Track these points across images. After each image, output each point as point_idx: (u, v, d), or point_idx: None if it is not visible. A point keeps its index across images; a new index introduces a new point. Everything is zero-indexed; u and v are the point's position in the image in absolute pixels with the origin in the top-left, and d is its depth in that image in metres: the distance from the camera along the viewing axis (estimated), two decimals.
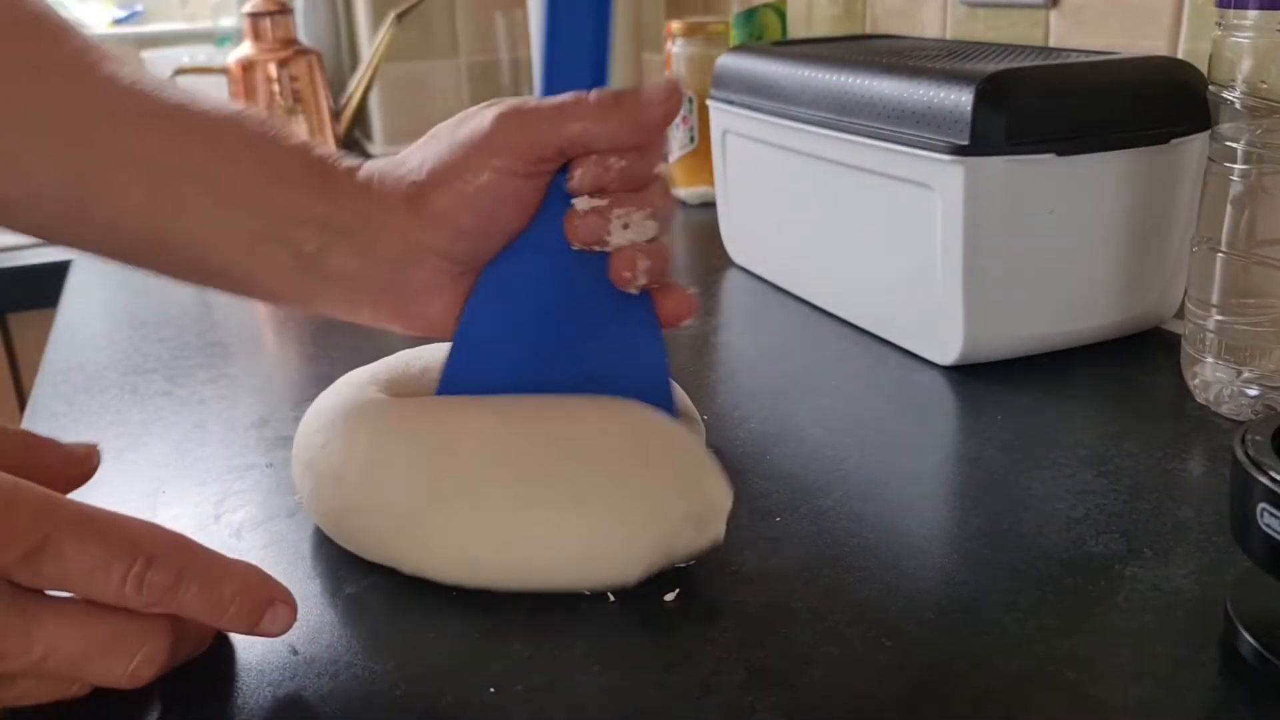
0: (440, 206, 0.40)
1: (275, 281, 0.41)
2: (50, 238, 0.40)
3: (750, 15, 0.94)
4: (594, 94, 0.40)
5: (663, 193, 0.42)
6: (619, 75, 0.42)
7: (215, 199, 0.39)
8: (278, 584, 0.35)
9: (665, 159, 0.38)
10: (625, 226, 0.41)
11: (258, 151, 0.40)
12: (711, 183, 0.84)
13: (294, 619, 0.35)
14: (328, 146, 0.42)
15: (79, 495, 0.34)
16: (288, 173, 0.40)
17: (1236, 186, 0.48)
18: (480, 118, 0.41)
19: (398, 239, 0.41)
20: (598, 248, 0.42)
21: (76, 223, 0.39)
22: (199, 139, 0.39)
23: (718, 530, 0.39)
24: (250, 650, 0.36)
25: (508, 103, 0.41)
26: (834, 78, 0.63)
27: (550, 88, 0.41)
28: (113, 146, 0.38)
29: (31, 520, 0.30)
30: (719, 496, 0.39)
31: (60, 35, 0.38)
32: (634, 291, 0.42)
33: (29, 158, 0.37)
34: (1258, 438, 0.34)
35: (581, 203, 0.41)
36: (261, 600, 0.34)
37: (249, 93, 1.15)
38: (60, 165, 0.37)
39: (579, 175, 0.40)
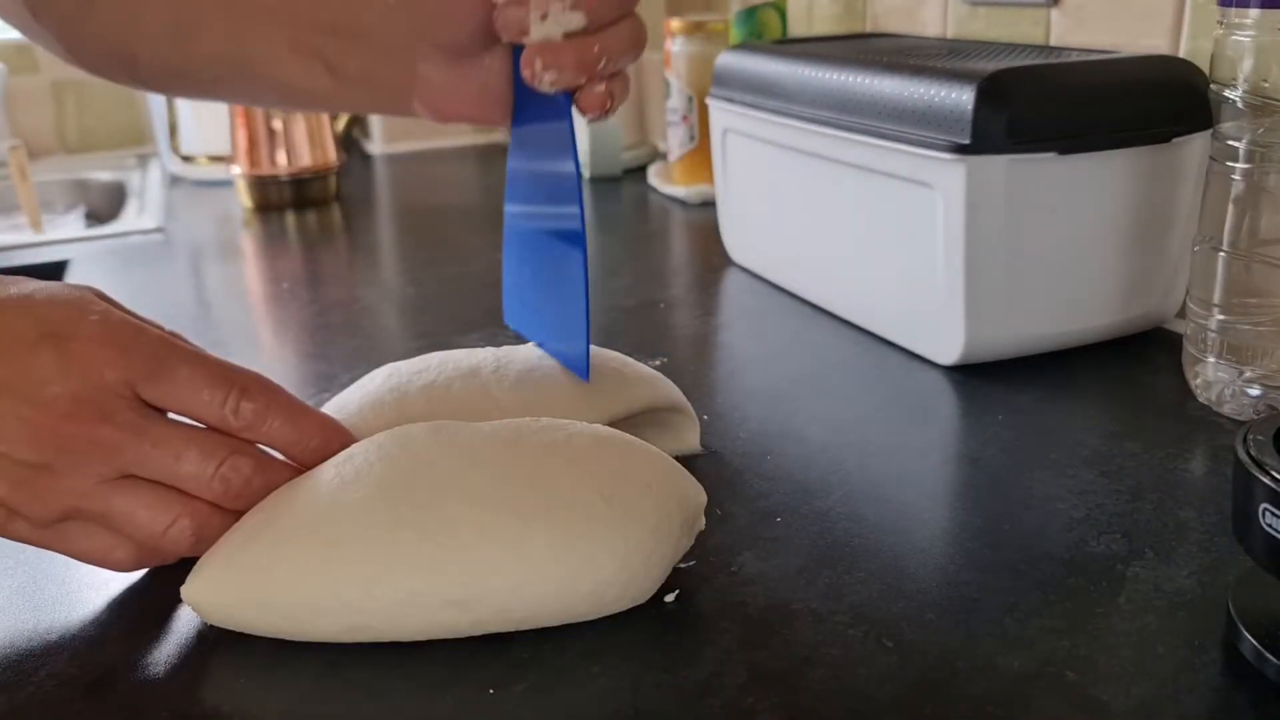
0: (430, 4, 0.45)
1: (318, 85, 0.47)
2: (158, 77, 0.49)
3: (750, 13, 0.94)
4: None
5: None
6: None
7: (260, 19, 0.46)
8: (349, 433, 0.41)
9: None
10: (543, 18, 0.40)
11: None
12: (711, 182, 0.84)
13: None
14: None
15: None
16: None
17: (1238, 185, 0.48)
18: None
19: (399, 35, 0.46)
20: (522, 40, 0.42)
21: (183, 59, 0.47)
22: None
23: (701, 524, 0.40)
24: (246, 648, 0.36)
25: None
26: (835, 76, 0.63)
27: None
28: None
29: (154, 348, 0.38)
30: (698, 495, 0.40)
31: None
32: (545, 89, 0.41)
33: (144, 5, 0.46)
34: (1260, 437, 0.33)
35: None
36: (335, 442, 0.40)
37: None
38: (169, 8, 0.46)
39: None
